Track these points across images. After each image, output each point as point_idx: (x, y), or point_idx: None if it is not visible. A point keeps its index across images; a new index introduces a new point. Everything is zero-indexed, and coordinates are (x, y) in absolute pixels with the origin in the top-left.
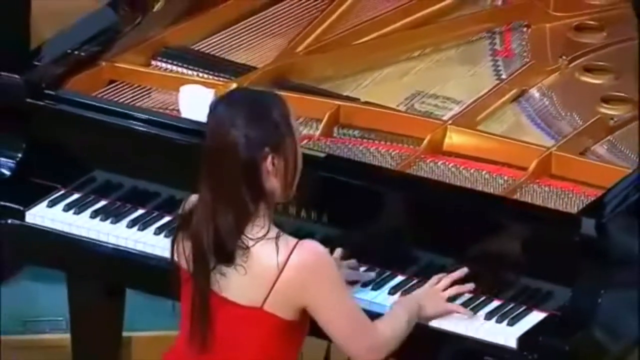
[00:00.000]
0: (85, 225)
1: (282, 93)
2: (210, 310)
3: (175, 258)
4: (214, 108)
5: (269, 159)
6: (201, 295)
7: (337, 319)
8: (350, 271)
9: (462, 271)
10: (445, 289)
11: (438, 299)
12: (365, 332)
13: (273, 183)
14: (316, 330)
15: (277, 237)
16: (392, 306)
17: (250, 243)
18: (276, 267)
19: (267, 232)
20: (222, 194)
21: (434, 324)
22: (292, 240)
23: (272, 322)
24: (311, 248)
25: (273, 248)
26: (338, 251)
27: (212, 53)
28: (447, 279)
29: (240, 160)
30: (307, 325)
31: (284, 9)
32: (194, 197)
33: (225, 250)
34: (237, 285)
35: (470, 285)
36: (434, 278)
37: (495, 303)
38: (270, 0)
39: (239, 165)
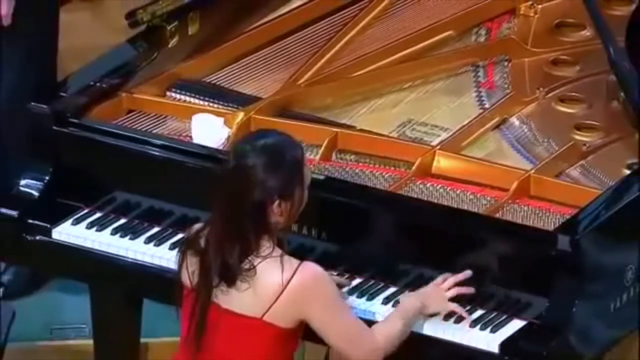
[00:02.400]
0: (106, 242)
1: (286, 121)
2: (209, 324)
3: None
4: (237, 148)
5: (276, 203)
6: (202, 308)
7: (336, 330)
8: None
9: (466, 274)
10: (448, 289)
11: (441, 298)
12: (363, 339)
13: (278, 219)
14: (316, 337)
15: (281, 256)
16: (394, 311)
17: (257, 261)
18: (281, 283)
19: (272, 251)
20: (232, 227)
21: (422, 330)
22: (296, 261)
23: (271, 330)
24: (312, 269)
25: (278, 266)
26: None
27: (221, 85)
28: (452, 279)
29: (251, 201)
30: (301, 331)
31: (287, 45)
32: (197, 225)
33: (230, 275)
34: (239, 297)
35: (471, 289)
36: (440, 277)
37: (480, 312)
38: (274, 38)
39: (250, 204)
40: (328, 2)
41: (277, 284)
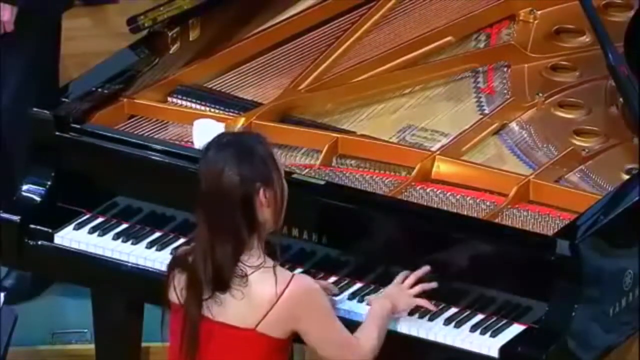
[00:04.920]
0: (108, 246)
1: (286, 127)
2: (201, 337)
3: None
4: (204, 154)
5: (261, 192)
6: (192, 323)
7: (327, 342)
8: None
9: (425, 269)
10: (411, 287)
11: (407, 296)
12: (351, 350)
13: (265, 214)
14: None
15: (274, 267)
16: (367, 316)
17: (249, 271)
18: (274, 294)
19: (264, 261)
20: (221, 228)
21: (422, 334)
22: (288, 273)
23: (264, 341)
24: (305, 282)
25: (271, 277)
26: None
27: (222, 90)
28: (412, 276)
29: (237, 197)
30: (292, 340)
31: (287, 51)
32: (184, 247)
33: (223, 278)
34: (232, 309)
35: (433, 284)
36: (400, 276)
37: (479, 316)
38: (275, 44)
39: (237, 201)
40: (328, 9)
41: (270, 295)
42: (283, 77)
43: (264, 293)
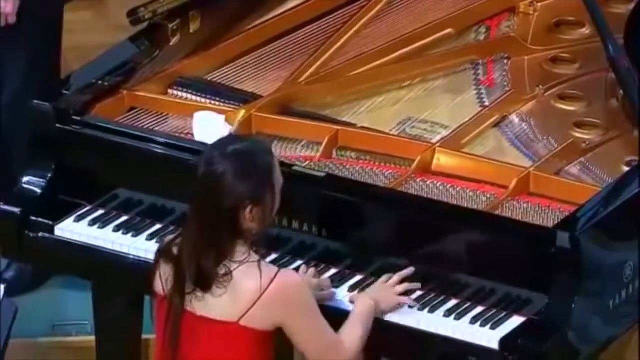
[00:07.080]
0: (108, 239)
1: (286, 119)
2: (184, 331)
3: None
4: (208, 153)
5: (249, 209)
6: (175, 314)
7: (312, 339)
8: (318, 293)
9: (410, 270)
10: (395, 286)
11: (391, 294)
12: (335, 349)
13: (251, 225)
14: None
15: (259, 262)
16: (350, 315)
17: (233, 266)
18: (259, 289)
19: (249, 256)
20: (206, 233)
21: (422, 326)
22: (274, 269)
23: (247, 334)
24: (291, 277)
25: (256, 271)
26: (311, 271)
27: (223, 82)
28: (397, 276)
29: (223, 208)
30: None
31: (288, 43)
32: (172, 236)
33: (205, 280)
34: (214, 302)
35: (417, 284)
36: (384, 277)
37: (479, 309)
38: (275, 36)
39: (222, 212)
40: (327, 2)
41: (255, 289)
42: (283, 70)
43: (247, 287)
